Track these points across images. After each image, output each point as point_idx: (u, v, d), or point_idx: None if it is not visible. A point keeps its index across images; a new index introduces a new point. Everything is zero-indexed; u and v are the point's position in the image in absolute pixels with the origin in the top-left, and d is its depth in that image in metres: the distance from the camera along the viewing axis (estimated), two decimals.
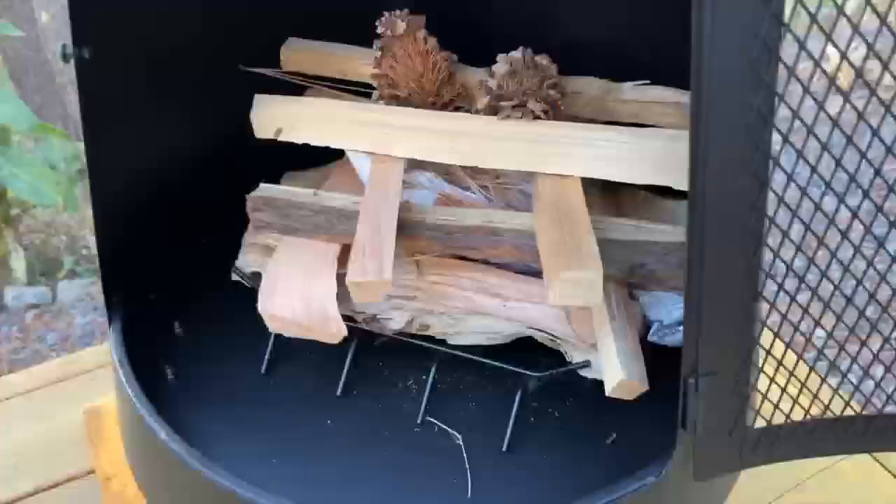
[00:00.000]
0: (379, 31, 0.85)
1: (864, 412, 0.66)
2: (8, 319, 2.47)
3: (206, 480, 0.69)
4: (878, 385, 0.64)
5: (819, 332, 0.62)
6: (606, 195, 0.89)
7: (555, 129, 0.80)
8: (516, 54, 0.83)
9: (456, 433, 0.81)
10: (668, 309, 0.83)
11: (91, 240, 2.72)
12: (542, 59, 0.84)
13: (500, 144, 0.80)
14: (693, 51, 0.50)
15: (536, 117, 0.81)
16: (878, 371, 0.64)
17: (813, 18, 0.49)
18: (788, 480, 1.08)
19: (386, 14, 0.85)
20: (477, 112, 0.83)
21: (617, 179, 0.79)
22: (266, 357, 0.87)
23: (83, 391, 1.23)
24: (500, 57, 0.84)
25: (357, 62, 0.91)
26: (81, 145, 2.41)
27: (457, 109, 0.86)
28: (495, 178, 0.85)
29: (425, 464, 0.78)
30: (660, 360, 0.78)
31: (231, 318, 0.92)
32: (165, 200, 0.94)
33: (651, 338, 0.84)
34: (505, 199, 0.85)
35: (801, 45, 0.50)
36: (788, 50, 0.51)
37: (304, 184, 0.96)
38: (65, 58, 0.67)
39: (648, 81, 0.88)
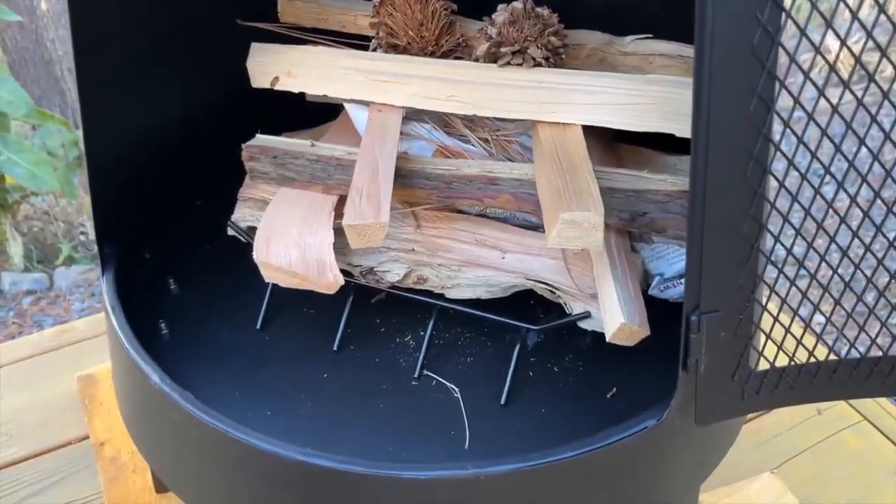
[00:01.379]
0: None
1: (868, 354, 0.65)
2: (5, 305, 2.46)
3: (199, 423, 0.68)
4: (883, 325, 0.63)
5: (824, 271, 0.61)
6: (608, 149, 0.88)
7: (554, 76, 0.79)
8: (517, 4, 0.82)
9: (454, 387, 0.79)
10: (668, 262, 0.82)
11: (89, 226, 2.70)
12: (544, 10, 0.83)
13: (499, 92, 0.79)
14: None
15: (537, 64, 0.79)
16: (884, 312, 0.63)
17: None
18: (790, 449, 1.07)
19: None
20: (476, 60, 0.82)
21: (618, 127, 0.78)
22: (261, 313, 0.86)
23: (77, 359, 1.22)
24: (501, 6, 0.83)
25: (356, 14, 0.90)
26: (80, 132, 2.40)
27: (457, 59, 0.85)
28: (495, 130, 0.84)
29: (423, 416, 0.77)
30: (661, 315, 0.77)
31: (226, 275, 0.91)
32: (160, 159, 0.93)
33: (652, 291, 0.83)
34: (504, 152, 0.83)
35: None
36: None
37: (302, 138, 0.95)
38: None
39: (651, 35, 0.87)
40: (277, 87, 0.85)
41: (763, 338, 0.64)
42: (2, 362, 1.23)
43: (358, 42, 0.90)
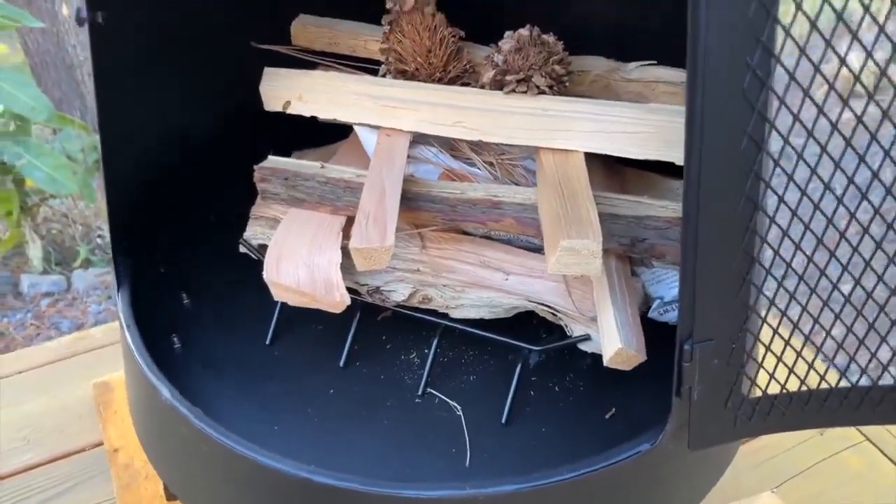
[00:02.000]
0: (388, 5, 0.86)
1: (859, 384, 0.66)
2: (24, 307, 2.50)
3: (207, 438, 0.71)
4: (873, 356, 0.64)
5: (815, 301, 0.63)
6: (611, 173, 0.90)
7: (558, 104, 0.81)
8: (523, 31, 0.85)
9: (456, 405, 0.82)
10: (668, 286, 0.84)
11: (106, 230, 2.75)
12: (549, 37, 0.85)
13: (504, 118, 0.81)
14: (689, 27, 0.51)
15: (541, 92, 0.82)
16: (874, 342, 0.65)
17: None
18: (790, 468, 1.08)
19: None
20: (482, 86, 0.85)
21: (619, 154, 0.80)
22: (271, 328, 0.88)
23: (93, 367, 1.25)
24: (507, 34, 0.85)
25: (366, 39, 0.92)
26: (98, 137, 2.43)
27: (463, 85, 0.88)
28: (500, 154, 0.86)
29: (426, 433, 0.79)
30: (660, 338, 0.79)
31: (238, 289, 0.93)
32: (175, 174, 0.95)
33: (651, 314, 0.85)
34: (509, 176, 0.86)
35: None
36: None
37: (313, 158, 0.98)
38: (79, 21, 0.69)
39: (654, 62, 0.89)
40: (289, 111, 0.87)
41: (755, 366, 0.66)
42: (21, 368, 1.26)
43: (368, 66, 0.93)
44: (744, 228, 0.59)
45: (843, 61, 0.52)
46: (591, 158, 0.83)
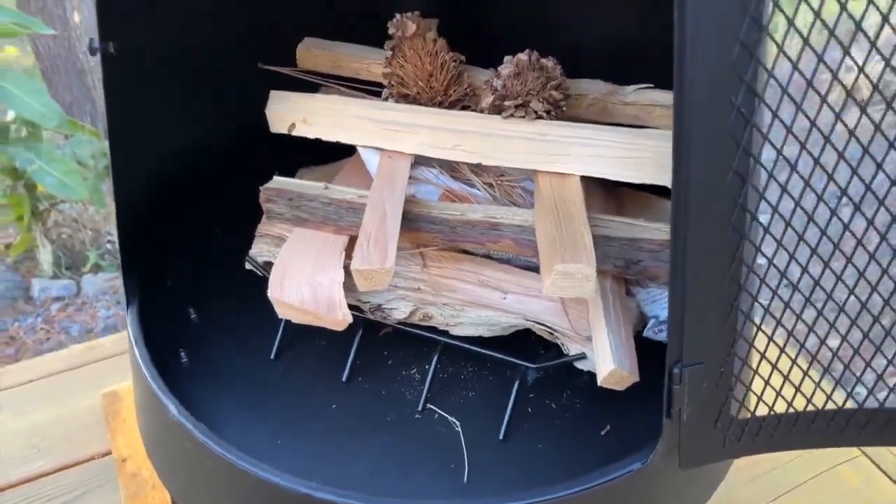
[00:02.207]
0: (390, 31, 0.89)
1: (845, 406, 0.68)
2: (34, 311, 2.54)
3: (213, 454, 0.73)
4: (858, 379, 0.66)
5: (801, 326, 0.65)
6: (609, 195, 0.92)
7: (555, 129, 0.83)
8: (522, 56, 0.87)
9: (455, 420, 0.84)
10: (663, 305, 0.86)
11: (116, 234, 2.79)
12: (548, 62, 0.87)
13: (502, 142, 0.83)
14: (676, 49, 0.53)
15: (539, 117, 0.84)
16: (858, 366, 0.67)
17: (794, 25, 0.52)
18: (786, 483, 1.10)
19: (397, 16, 0.89)
20: (482, 111, 0.87)
21: (614, 178, 0.82)
22: (275, 343, 0.91)
23: (102, 376, 1.28)
24: (507, 58, 0.87)
25: (369, 62, 0.95)
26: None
27: (464, 108, 0.90)
28: (499, 175, 0.88)
29: (425, 449, 0.82)
30: (655, 356, 0.81)
31: (243, 305, 0.96)
32: (183, 192, 0.98)
33: (647, 333, 0.87)
34: (508, 197, 0.88)
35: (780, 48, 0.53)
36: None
37: (316, 178, 1.01)
38: (91, 51, 0.71)
39: (651, 85, 0.91)
40: (294, 133, 0.90)
41: (743, 389, 0.68)
42: (31, 377, 1.29)
43: (371, 88, 0.95)
44: (730, 257, 0.61)
45: (824, 100, 0.54)
46: (590, 179, 0.85)
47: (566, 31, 1.04)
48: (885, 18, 0.51)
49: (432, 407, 0.85)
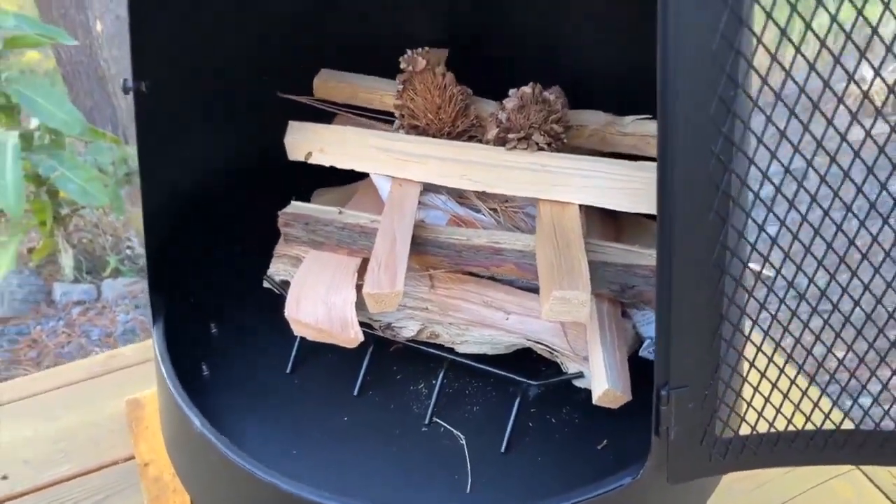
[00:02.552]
0: (401, 66, 0.95)
1: (822, 427, 0.73)
2: (56, 315, 2.61)
3: (234, 465, 0.79)
4: (835, 403, 0.71)
5: (781, 354, 0.70)
6: (608, 220, 0.97)
7: (555, 160, 0.89)
8: (526, 89, 0.92)
9: (460, 434, 0.89)
10: None
11: (135, 240, 2.86)
12: (550, 94, 0.93)
13: (506, 172, 0.89)
14: (659, 104, 0.58)
15: (540, 149, 0.90)
16: (834, 389, 0.72)
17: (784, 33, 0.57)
18: (779, 496, 1.15)
19: (408, 51, 0.95)
20: (487, 142, 0.93)
21: (610, 207, 0.87)
22: (291, 358, 0.97)
23: (125, 384, 1.35)
24: (512, 91, 0.93)
25: (382, 93, 1.01)
26: (129, 149, 2.56)
27: (470, 138, 0.96)
28: (504, 201, 0.94)
29: (430, 460, 0.87)
30: (650, 375, 0.86)
31: (261, 321, 1.02)
32: (206, 214, 1.04)
33: (642, 353, 0.92)
34: (512, 221, 0.93)
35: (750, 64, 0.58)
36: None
37: (332, 199, 1.07)
38: (125, 90, 0.77)
39: (649, 116, 0.97)
40: (311, 161, 0.96)
41: (727, 410, 0.73)
42: (58, 384, 1.36)
43: (384, 117, 1.01)
44: (713, 290, 0.66)
45: (807, 130, 0.60)
46: (590, 205, 0.91)
47: (571, 59, 1.10)
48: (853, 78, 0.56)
49: (438, 420, 0.91)
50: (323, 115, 1.04)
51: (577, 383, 0.89)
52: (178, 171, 0.98)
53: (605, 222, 0.95)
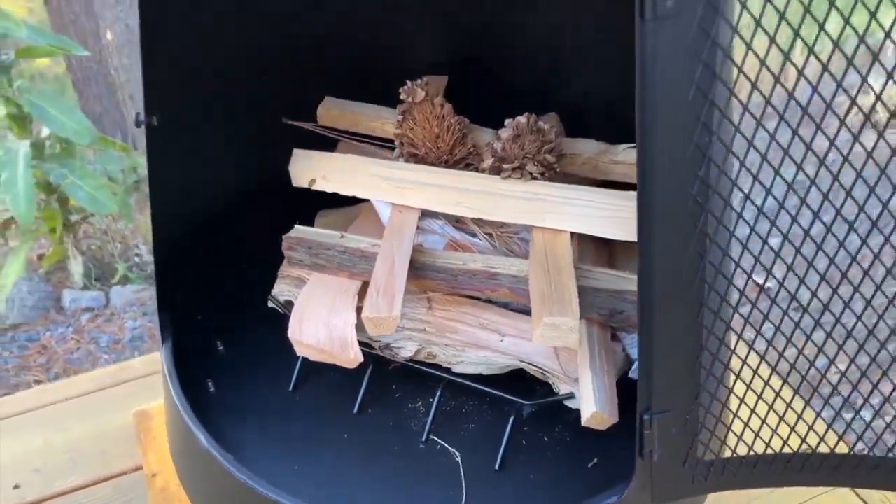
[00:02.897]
0: (402, 97, 0.99)
1: (799, 450, 0.77)
2: (65, 321, 2.66)
3: (237, 481, 0.84)
4: (810, 428, 0.75)
5: (758, 382, 0.74)
6: (601, 245, 1.01)
7: (548, 189, 0.93)
8: (521, 119, 0.97)
9: (455, 451, 0.94)
10: None
11: (143, 248, 2.91)
12: (545, 124, 0.97)
13: (500, 201, 0.93)
14: (637, 132, 0.62)
15: (534, 178, 0.94)
16: (810, 416, 0.76)
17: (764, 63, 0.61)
18: None
19: (408, 83, 0.99)
20: (483, 171, 0.97)
21: (600, 235, 0.91)
22: (293, 376, 1.01)
23: (134, 395, 1.39)
24: (507, 121, 0.97)
25: (383, 121, 1.05)
26: (138, 157, 2.61)
27: (467, 166, 1.00)
28: (499, 226, 0.98)
29: (426, 477, 0.91)
30: None
31: (266, 339, 1.06)
32: (213, 234, 1.09)
33: (632, 374, 0.96)
34: (507, 246, 0.98)
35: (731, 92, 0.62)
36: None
37: (334, 220, 1.11)
38: (137, 124, 0.82)
39: None
40: (314, 188, 1.00)
41: (708, 433, 0.77)
42: (68, 395, 1.40)
43: (385, 144, 1.06)
44: (692, 322, 0.70)
45: (768, 192, 0.64)
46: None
47: (569, 85, 1.14)
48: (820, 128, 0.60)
49: (435, 438, 0.95)
50: (327, 141, 1.08)
51: (569, 404, 0.93)
52: (188, 198, 1.03)
53: (598, 247, 0.99)
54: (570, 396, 0.92)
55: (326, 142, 1.09)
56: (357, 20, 1.12)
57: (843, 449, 0.77)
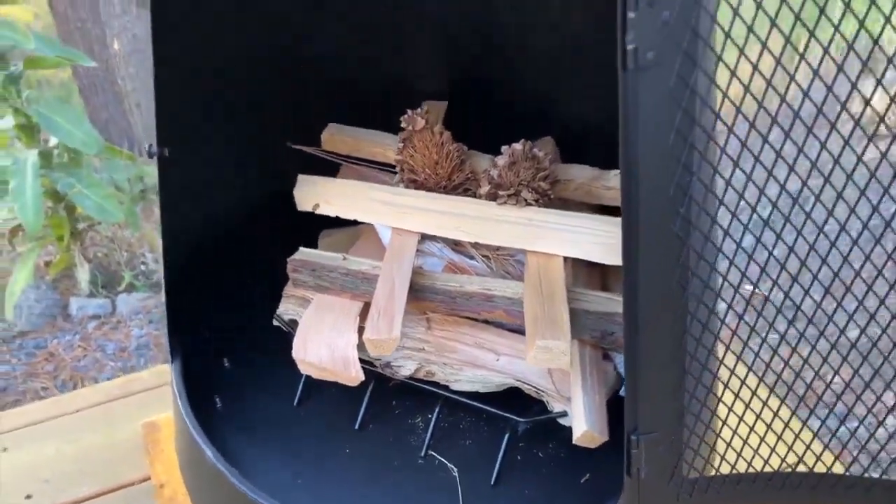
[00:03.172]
0: (402, 125, 1.03)
1: (780, 470, 0.81)
2: (72, 329, 2.71)
3: (243, 495, 0.88)
4: (790, 448, 0.79)
5: (739, 405, 0.78)
6: (594, 267, 1.05)
7: (541, 215, 0.97)
8: (517, 146, 1.01)
9: (453, 466, 0.98)
10: None
11: (149, 256, 2.96)
12: (540, 151, 1.01)
13: (496, 226, 0.98)
14: (622, 172, 0.66)
15: (528, 205, 0.98)
16: (789, 437, 0.80)
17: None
18: None
19: (408, 112, 1.04)
20: (480, 197, 1.01)
21: (591, 259, 0.96)
22: (297, 393, 1.06)
23: (142, 407, 1.43)
24: (504, 148, 1.01)
25: (385, 147, 1.10)
26: (145, 167, 2.65)
27: (465, 191, 1.04)
28: (496, 249, 1.03)
29: (425, 491, 0.96)
30: None
31: (271, 357, 1.10)
32: (220, 258, 1.13)
33: (623, 393, 1.00)
34: (503, 267, 1.02)
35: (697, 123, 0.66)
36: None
37: (337, 239, 1.16)
38: (149, 155, 0.86)
39: None
40: (318, 212, 1.05)
41: (692, 453, 0.81)
42: (79, 406, 1.45)
43: (386, 168, 1.10)
44: (677, 348, 0.74)
45: (755, 211, 0.68)
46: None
47: (564, 110, 1.18)
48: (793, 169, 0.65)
49: (433, 453, 0.99)
50: (330, 165, 1.12)
51: (562, 421, 0.97)
52: (198, 224, 1.08)
53: (591, 269, 1.03)
54: (564, 414, 0.96)
55: (329, 165, 1.14)
56: (360, 47, 1.16)
57: (821, 468, 0.81)
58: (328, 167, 1.15)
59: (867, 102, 0.61)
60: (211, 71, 0.99)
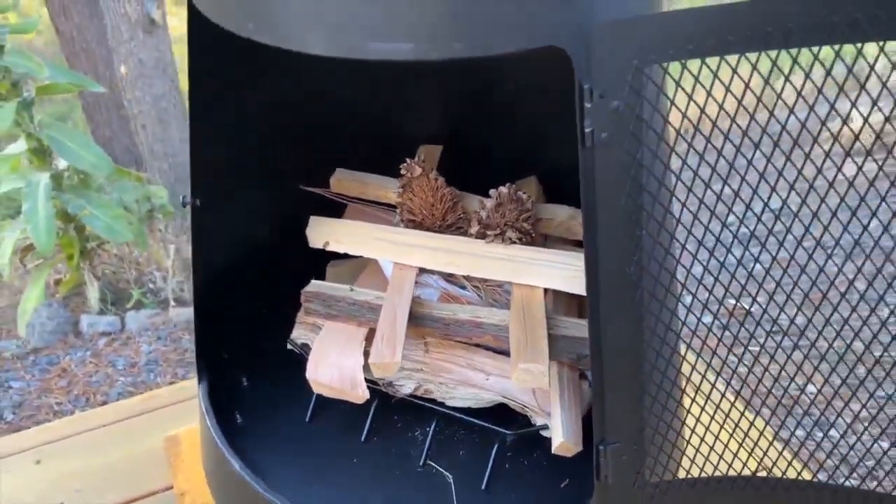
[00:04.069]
0: (402, 172, 1.19)
1: (728, 474, 0.96)
2: (83, 345, 2.85)
3: (266, 500, 1.03)
4: (752, 454, 0.94)
5: (691, 418, 0.93)
6: (572, 296, 1.21)
7: (524, 252, 1.13)
8: (503, 189, 1.16)
9: (448, 474, 1.13)
10: None
11: (157, 274, 3.10)
12: (524, 193, 1.17)
13: (484, 261, 1.13)
14: (584, 225, 0.82)
15: (513, 243, 1.13)
16: (750, 443, 0.95)
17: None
18: None
19: (407, 160, 1.19)
20: (470, 235, 1.17)
21: (569, 291, 1.11)
22: (310, 409, 1.21)
23: (161, 422, 1.58)
24: (492, 191, 1.17)
25: (388, 190, 1.26)
26: (152, 188, 2.80)
27: (458, 229, 1.20)
28: (485, 281, 1.18)
29: (424, 496, 1.11)
30: None
31: (285, 376, 1.26)
32: (242, 290, 1.29)
33: None
34: (491, 297, 1.17)
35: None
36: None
37: (344, 270, 1.31)
38: (183, 204, 1.02)
39: None
40: (328, 249, 1.20)
41: (652, 461, 0.96)
42: (104, 422, 1.60)
43: (387, 206, 1.26)
44: (636, 372, 0.89)
45: (712, 255, 0.83)
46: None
47: (548, 152, 1.34)
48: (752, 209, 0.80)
49: (431, 462, 1.15)
50: (339, 206, 1.28)
51: (544, 433, 1.12)
52: (224, 263, 1.23)
53: (570, 298, 1.18)
54: (545, 427, 1.12)
55: (338, 207, 1.29)
56: (364, 101, 1.32)
57: (777, 473, 0.96)
58: (335, 208, 1.30)
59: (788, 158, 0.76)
60: (234, 127, 1.15)
